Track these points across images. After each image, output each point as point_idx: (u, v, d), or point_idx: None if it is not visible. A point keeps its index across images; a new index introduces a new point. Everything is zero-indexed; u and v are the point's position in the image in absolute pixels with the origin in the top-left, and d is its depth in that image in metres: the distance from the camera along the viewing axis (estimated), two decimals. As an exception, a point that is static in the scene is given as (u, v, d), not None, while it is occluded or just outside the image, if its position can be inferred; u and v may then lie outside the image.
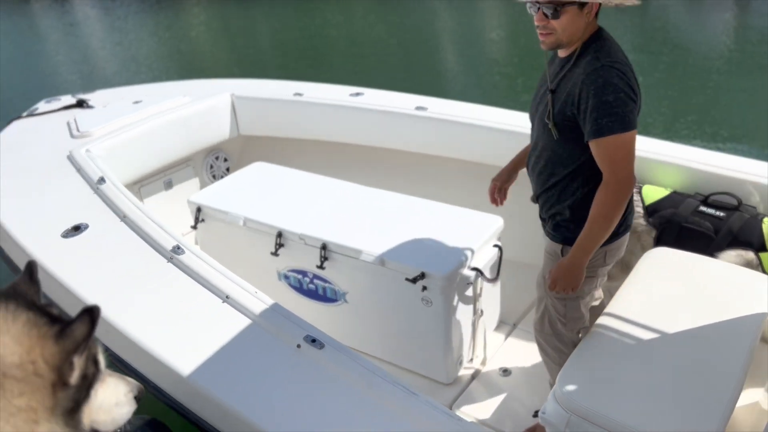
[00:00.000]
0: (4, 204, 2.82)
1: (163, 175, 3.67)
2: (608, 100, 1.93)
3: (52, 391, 0.87)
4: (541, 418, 2.20)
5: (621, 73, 1.97)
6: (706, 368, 2.15)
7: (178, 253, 2.40)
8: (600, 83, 1.94)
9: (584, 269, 2.17)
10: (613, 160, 2.01)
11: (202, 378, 1.94)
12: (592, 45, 2.03)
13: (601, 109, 1.94)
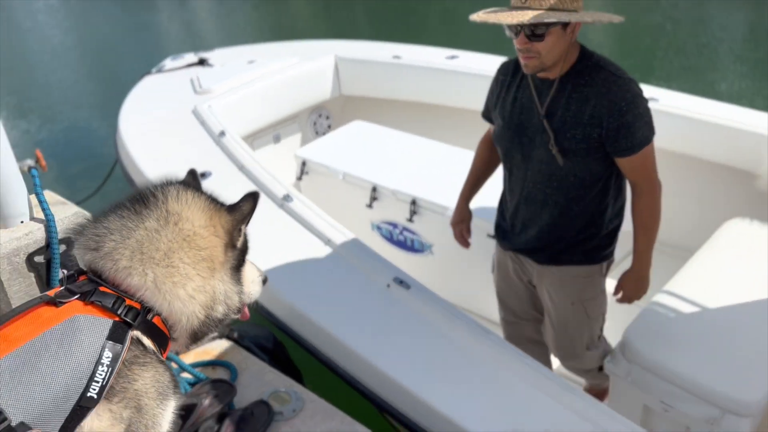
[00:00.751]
0: (140, 151, 3.31)
1: (272, 130, 4.09)
2: (641, 112, 1.97)
3: (224, 250, 1.23)
4: (606, 368, 2.44)
5: (637, 84, 2.01)
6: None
7: (288, 201, 2.78)
8: (629, 98, 1.95)
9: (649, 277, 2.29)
10: (650, 168, 2.09)
11: (306, 306, 2.32)
12: (588, 62, 2.01)
13: (637, 123, 1.96)
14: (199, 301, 1.21)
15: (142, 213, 1.19)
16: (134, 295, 1.16)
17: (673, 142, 3.35)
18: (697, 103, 3.33)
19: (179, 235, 1.19)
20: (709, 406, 2.16)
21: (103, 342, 1.10)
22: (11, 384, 1.04)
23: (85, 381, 1.08)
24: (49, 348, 1.08)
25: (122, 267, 1.15)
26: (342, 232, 2.60)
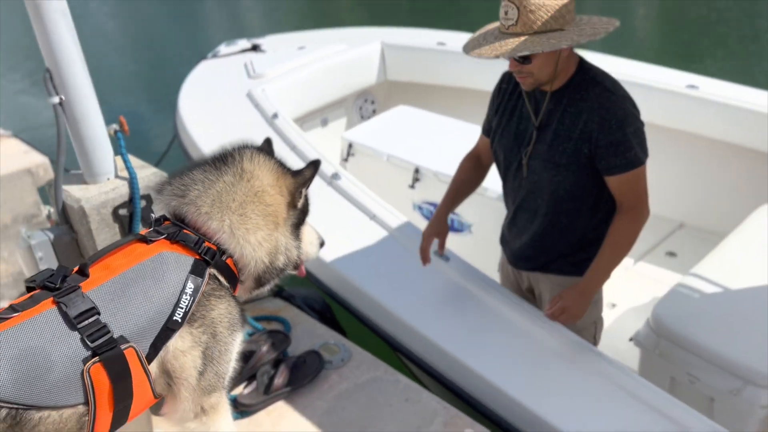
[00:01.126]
0: (199, 130, 3.56)
1: (320, 114, 4.31)
2: (632, 131, 1.94)
3: (287, 208, 1.48)
4: (634, 341, 2.59)
5: (633, 103, 1.98)
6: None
7: (336, 179, 2.99)
8: (621, 116, 1.93)
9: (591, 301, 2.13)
10: (639, 191, 2.02)
11: (351, 273, 2.53)
12: (586, 76, 1.99)
13: (627, 142, 1.93)
14: (265, 248, 1.44)
15: (222, 169, 1.42)
16: (212, 237, 1.40)
17: (710, 129, 3.44)
18: (736, 90, 3.40)
19: (251, 190, 1.42)
20: (731, 377, 2.29)
21: (187, 275, 1.34)
22: (112, 305, 1.28)
23: (171, 306, 1.32)
24: (142, 277, 1.32)
25: (204, 212, 1.40)
26: (386, 208, 2.79)
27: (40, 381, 1.21)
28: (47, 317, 1.25)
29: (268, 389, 2.01)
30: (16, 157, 4.16)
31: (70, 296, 1.26)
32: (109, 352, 1.26)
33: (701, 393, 2.40)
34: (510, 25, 1.85)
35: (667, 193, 3.79)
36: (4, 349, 1.20)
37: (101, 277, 1.32)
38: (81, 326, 1.25)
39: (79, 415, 1.25)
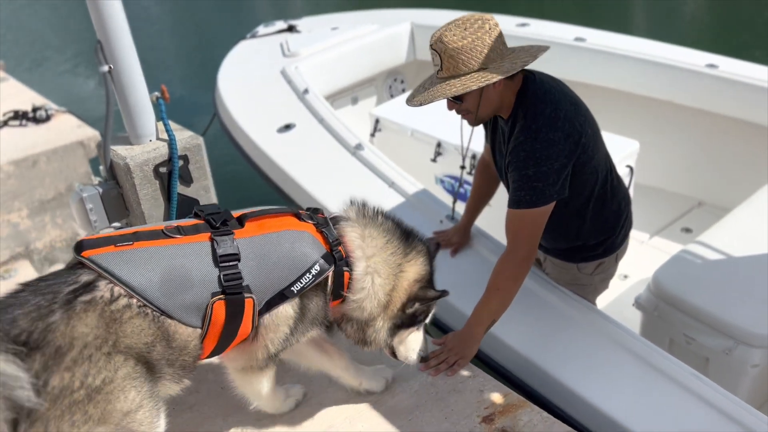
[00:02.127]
0: (236, 105, 3.87)
1: (351, 92, 4.56)
2: (528, 174, 1.96)
3: (401, 306, 1.78)
4: (635, 303, 2.77)
5: (547, 141, 1.96)
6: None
7: (359, 149, 3.24)
8: (522, 157, 1.97)
9: (479, 341, 2.11)
10: (518, 235, 2.04)
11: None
12: (519, 109, 2.04)
13: (517, 182, 1.99)
14: (374, 302, 1.75)
15: (398, 240, 1.79)
16: (348, 251, 1.71)
17: (730, 108, 3.56)
18: (755, 69, 3.50)
19: (398, 270, 1.77)
20: (724, 337, 2.46)
21: (318, 258, 1.63)
22: (251, 257, 1.57)
23: (294, 278, 1.60)
24: (283, 242, 1.61)
25: (357, 236, 1.74)
26: (404, 176, 3.03)
27: (178, 296, 1.47)
28: (201, 248, 1.53)
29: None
30: (69, 131, 4.55)
31: (224, 238, 1.55)
32: (234, 296, 1.53)
33: (697, 353, 2.58)
34: (438, 70, 2.00)
35: (687, 171, 3.94)
36: (163, 259, 1.48)
37: (252, 231, 1.60)
38: (222, 265, 1.52)
39: (198, 335, 1.53)
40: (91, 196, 2.22)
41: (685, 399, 2.00)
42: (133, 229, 1.56)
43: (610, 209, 2.35)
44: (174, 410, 2.00)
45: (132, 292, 1.42)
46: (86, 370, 1.33)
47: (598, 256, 2.46)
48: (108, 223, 2.26)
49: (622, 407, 2.00)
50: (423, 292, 1.80)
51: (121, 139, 2.28)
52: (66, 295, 1.36)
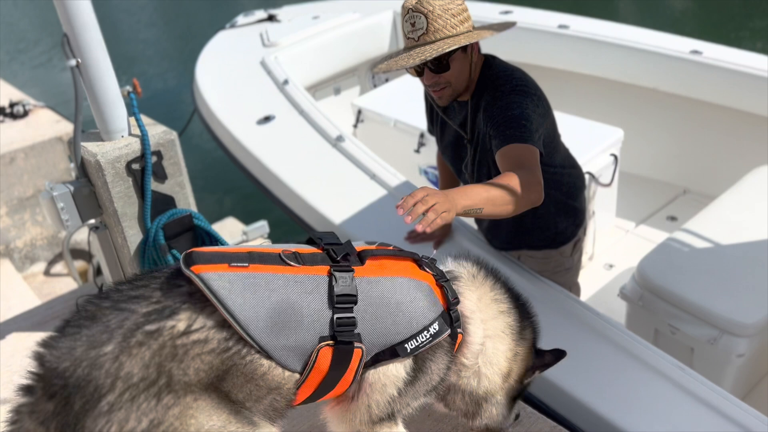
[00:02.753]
0: (213, 96, 3.81)
1: (333, 82, 4.51)
2: (514, 114, 1.91)
3: (519, 377, 1.61)
4: (620, 293, 2.76)
5: (524, 93, 1.97)
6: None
7: (340, 141, 3.20)
8: (500, 105, 1.95)
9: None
10: (524, 163, 1.86)
11: (348, 225, 2.75)
12: (486, 82, 2.04)
13: (506, 122, 1.91)
14: (488, 374, 1.57)
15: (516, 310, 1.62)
16: (464, 312, 1.52)
17: (714, 94, 3.55)
18: (738, 55, 3.49)
19: (518, 338, 1.61)
20: (709, 327, 2.46)
21: (438, 316, 1.42)
22: (367, 301, 1.36)
23: (409, 334, 1.39)
24: (402, 292, 1.40)
25: (476, 299, 1.55)
26: (386, 168, 3.00)
27: (284, 336, 1.29)
28: (318, 283, 1.33)
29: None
30: (48, 127, 4.49)
31: (343, 275, 1.34)
32: (344, 345, 1.34)
33: (682, 343, 2.58)
34: (421, 34, 1.91)
35: (672, 158, 3.93)
36: (276, 291, 1.29)
37: (372, 271, 1.39)
38: (338, 306, 1.32)
39: (295, 381, 1.34)
40: (61, 195, 2.17)
41: (669, 391, 1.99)
42: (249, 248, 1.37)
43: (574, 190, 2.37)
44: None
45: (236, 325, 1.25)
46: (125, 416, 1.16)
47: (572, 235, 2.46)
48: (81, 222, 2.21)
49: (606, 400, 1.99)
50: (541, 360, 1.66)
51: (92, 135, 2.23)
52: (138, 317, 1.21)
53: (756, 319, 2.39)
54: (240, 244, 2.91)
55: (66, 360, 1.14)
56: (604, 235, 3.53)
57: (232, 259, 1.29)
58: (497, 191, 1.69)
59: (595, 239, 3.42)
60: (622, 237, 3.59)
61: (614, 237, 3.59)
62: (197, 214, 2.30)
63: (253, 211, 3.46)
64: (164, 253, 2.17)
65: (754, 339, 2.43)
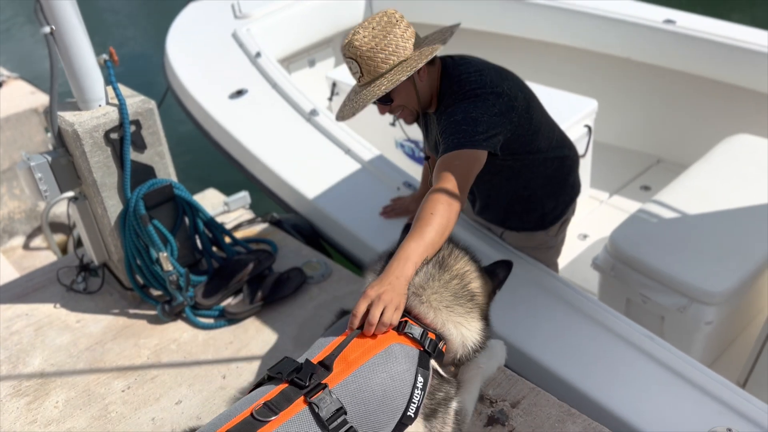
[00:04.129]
0: (184, 70, 3.75)
1: (307, 54, 4.46)
2: (457, 119, 1.92)
3: (486, 302, 1.69)
4: (593, 264, 2.81)
5: (474, 96, 1.94)
6: (747, 240, 2.59)
7: (314, 115, 3.18)
8: (450, 111, 1.96)
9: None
10: (444, 175, 1.85)
11: (322, 200, 2.76)
12: (446, 88, 2.03)
13: (448, 129, 1.92)
14: (474, 336, 1.63)
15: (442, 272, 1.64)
16: (432, 327, 1.56)
17: (687, 64, 3.57)
18: (711, 24, 3.51)
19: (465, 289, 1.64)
20: (679, 295, 2.52)
21: (416, 369, 1.46)
22: (355, 402, 1.37)
23: (405, 403, 1.43)
24: (378, 371, 1.42)
25: (424, 304, 1.57)
26: (360, 143, 2.99)
27: None
28: (302, 419, 1.32)
29: (253, 299, 2.27)
30: (23, 98, 4.41)
31: (320, 396, 1.34)
32: None
33: (653, 312, 2.64)
34: (359, 77, 1.92)
35: (645, 128, 3.96)
36: None
37: (342, 372, 1.41)
38: (332, 427, 1.32)
39: None
40: (39, 165, 2.13)
41: (638, 359, 2.05)
42: (223, 427, 1.32)
43: (561, 171, 2.38)
44: (135, 381, 2.01)
45: None
46: None
47: (560, 216, 2.50)
48: (59, 192, 2.17)
49: (576, 369, 2.04)
50: (497, 279, 1.76)
51: (68, 105, 2.20)
52: None
53: (724, 288, 2.44)
54: (222, 214, 2.91)
55: None
56: (579, 205, 3.55)
57: None
58: (429, 233, 1.66)
59: (569, 210, 3.46)
60: (596, 207, 3.64)
61: (588, 207, 3.63)
62: (178, 184, 2.28)
63: (234, 182, 3.44)
64: (145, 223, 2.14)
65: (721, 307, 2.49)
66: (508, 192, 2.30)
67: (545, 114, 2.28)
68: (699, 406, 1.89)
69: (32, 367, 2.11)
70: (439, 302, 1.59)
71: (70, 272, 2.51)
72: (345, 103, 2.02)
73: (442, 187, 1.76)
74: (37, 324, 2.29)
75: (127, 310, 2.33)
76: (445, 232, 1.70)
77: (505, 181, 2.24)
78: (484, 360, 1.84)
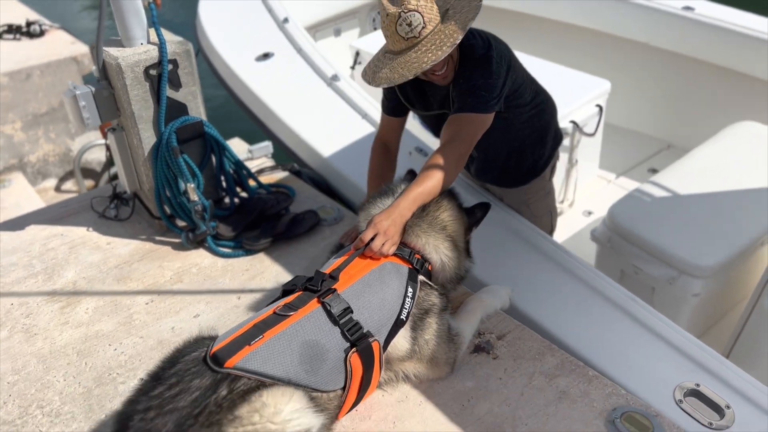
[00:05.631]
0: (214, 32, 4.01)
1: (334, 23, 4.71)
2: (477, 84, 2.11)
3: (465, 235, 2.00)
4: (591, 236, 3.04)
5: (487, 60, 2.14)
6: (740, 220, 2.81)
7: (335, 80, 3.44)
8: (468, 75, 2.15)
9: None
10: (459, 134, 2.13)
11: (336, 159, 3.01)
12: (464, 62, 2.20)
13: (468, 90, 2.14)
14: (453, 261, 1.95)
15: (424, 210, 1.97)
16: (418, 251, 1.89)
17: (703, 51, 3.77)
18: (729, 13, 3.70)
19: (441, 225, 1.96)
20: (668, 268, 2.74)
21: (406, 281, 1.79)
22: (358, 304, 1.69)
23: (399, 307, 1.75)
24: (375, 282, 1.75)
25: (413, 234, 1.91)
26: (377, 108, 3.24)
27: (320, 368, 1.60)
28: (317, 315, 1.64)
29: (269, 234, 2.53)
30: (63, 47, 4.74)
31: (331, 297, 1.67)
32: (363, 344, 1.65)
33: (644, 283, 2.86)
34: (420, 29, 1.99)
35: (657, 113, 4.17)
36: (293, 341, 1.58)
37: (347, 281, 1.74)
38: (342, 321, 1.64)
39: (338, 397, 1.66)
40: (83, 94, 2.38)
41: (622, 319, 2.22)
42: (251, 322, 1.64)
43: (543, 119, 2.58)
44: (158, 297, 2.29)
45: (281, 384, 1.53)
46: None
47: (548, 160, 2.72)
48: (100, 121, 2.43)
49: (567, 328, 2.21)
50: (473, 217, 2.06)
51: (113, 41, 2.45)
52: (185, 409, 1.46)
53: (712, 262, 2.66)
54: (245, 161, 3.17)
55: None
56: (587, 184, 3.80)
57: (247, 339, 1.56)
58: (433, 184, 2.00)
59: (576, 187, 3.69)
60: (603, 187, 3.86)
61: (596, 186, 3.86)
62: (208, 123, 2.54)
63: (259, 135, 3.71)
64: (176, 155, 2.40)
65: (709, 280, 2.71)
66: (503, 146, 2.52)
67: (524, 69, 2.49)
68: (671, 362, 2.07)
69: (66, 279, 2.40)
70: (421, 231, 1.93)
71: (103, 201, 2.80)
72: (379, 63, 2.09)
73: (452, 147, 2.09)
74: (71, 243, 2.58)
75: (153, 236, 2.62)
76: (446, 186, 2.04)
77: (501, 135, 2.44)
78: (487, 297, 2.13)
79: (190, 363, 1.52)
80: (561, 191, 3.70)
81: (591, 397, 1.84)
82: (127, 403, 1.51)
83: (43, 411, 1.86)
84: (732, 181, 3.00)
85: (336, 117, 3.27)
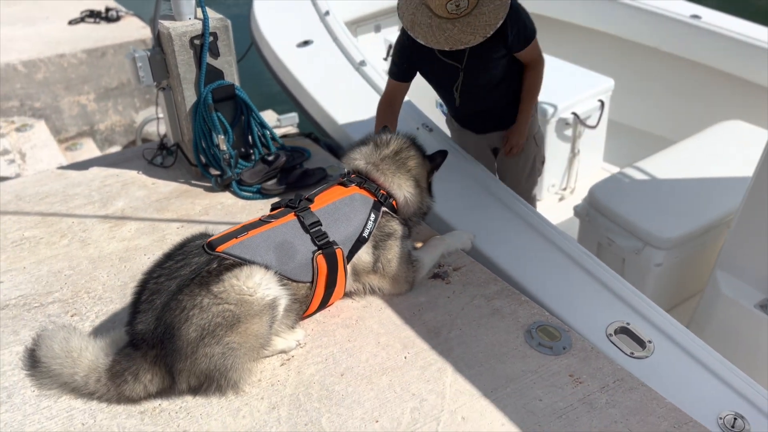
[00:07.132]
0: (266, 24, 4.64)
1: (374, 20, 5.28)
2: (523, 18, 2.80)
3: (427, 177, 2.53)
4: (573, 210, 3.49)
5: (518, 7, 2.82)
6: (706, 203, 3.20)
7: (362, 66, 3.99)
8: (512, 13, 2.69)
9: None
10: (538, 52, 2.96)
11: (353, 130, 3.55)
12: None
13: (523, 24, 2.80)
14: (415, 198, 2.44)
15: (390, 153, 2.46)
16: (384, 187, 2.39)
17: (707, 57, 4.15)
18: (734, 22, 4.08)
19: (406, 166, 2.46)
20: (635, 240, 3.16)
21: (370, 209, 2.31)
22: (328, 221, 2.22)
23: (361, 228, 2.27)
24: (344, 206, 2.27)
25: (380, 172, 2.41)
26: (396, 90, 3.76)
27: (291, 262, 2.12)
28: (293, 224, 2.18)
29: (283, 183, 3.11)
30: (134, 31, 5.57)
31: (305, 212, 2.20)
32: (328, 249, 2.17)
33: (616, 254, 3.29)
34: (463, 10, 2.55)
35: (661, 114, 4.56)
36: (271, 239, 2.12)
37: (320, 204, 2.26)
38: (312, 231, 2.17)
39: (306, 288, 2.18)
40: (140, 57, 3.05)
41: (572, 268, 2.59)
42: (242, 223, 2.22)
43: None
44: (188, 224, 2.86)
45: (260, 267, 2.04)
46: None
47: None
48: (152, 80, 3.08)
49: (519, 268, 2.60)
50: (434, 163, 2.54)
51: (167, 16, 3.09)
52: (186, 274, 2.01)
53: (673, 235, 3.07)
54: (274, 128, 3.74)
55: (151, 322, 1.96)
56: (590, 173, 4.23)
57: (236, 234, 2.11)
58: (534, 99, 3.07)
59: (578, 176, 4.13)
60: (602, 176, 4.27)
61: (598, 177, 4.25)
62: (239, 87, 3.15)
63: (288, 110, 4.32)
64: (211, 111, 3.02)
65: (671, 252, 3.11)
66: (507, 94, 3.09)
67: None
68: (609, 306, 2.41)
69: (116, 207, 3.04)
70: (389, 172, 2.43)
71: (152, 152, 3.47)
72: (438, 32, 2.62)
73: (539, 67, 3.00)
74: (123, 182, 3.25)
75: (190, 180, 3.25)
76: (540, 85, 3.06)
77: (509, 83, 3.03)
78: (450, 238, 2.63)
79: (194, 247, 2.10)
80: (564, 178, 4.14)
81: (518, 314, 2.31)
82: (147, 272, 2.09)
83: (89, 295, 2.48)
84: (708, 170, 3.39)
85: (358, 95, 3.81)
